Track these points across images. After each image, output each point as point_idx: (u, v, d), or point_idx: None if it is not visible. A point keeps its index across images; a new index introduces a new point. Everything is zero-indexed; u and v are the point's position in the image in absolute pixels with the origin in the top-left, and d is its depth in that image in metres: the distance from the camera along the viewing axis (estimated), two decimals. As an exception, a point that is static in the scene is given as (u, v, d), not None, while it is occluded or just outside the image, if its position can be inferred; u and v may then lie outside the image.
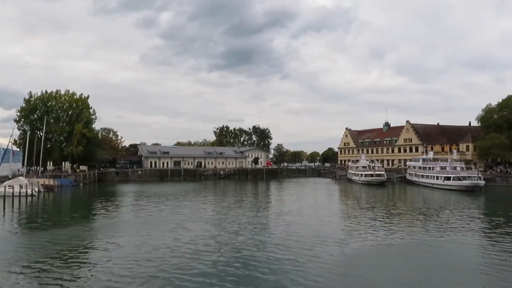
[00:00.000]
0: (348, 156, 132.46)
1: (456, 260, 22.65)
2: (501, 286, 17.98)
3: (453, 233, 30.44)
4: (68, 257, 22.97)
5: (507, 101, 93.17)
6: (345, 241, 27.64)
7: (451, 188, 68.38)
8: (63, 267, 20.78)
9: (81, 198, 61.86)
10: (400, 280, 19.17)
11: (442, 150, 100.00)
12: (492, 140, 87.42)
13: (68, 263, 21.75)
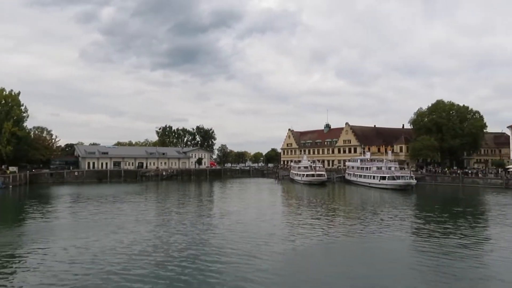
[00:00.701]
0: (290, 156, 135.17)
1: (391, 254, 23.94)
2: (431, 277, 19.28)
3: (388, 230, 32.18)
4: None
5: (436, 106, 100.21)
6: (287, 239, 28.28)
7: (386, 187, 72.17)
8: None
9: (11, 202, 57.72)
10: (339, 275, 19.93)
11: (378, 151, 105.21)
12: (423, 141, 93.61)
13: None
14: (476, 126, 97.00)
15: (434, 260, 22.36)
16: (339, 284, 18.76)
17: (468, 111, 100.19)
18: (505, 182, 73.34)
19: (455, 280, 18.92)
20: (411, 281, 18.93)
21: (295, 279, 19.36)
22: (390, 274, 20.06)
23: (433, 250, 24.67)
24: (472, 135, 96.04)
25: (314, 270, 20.73)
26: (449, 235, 29.39)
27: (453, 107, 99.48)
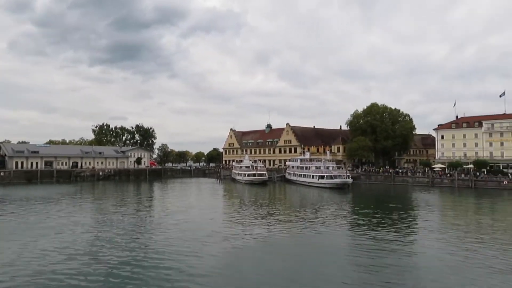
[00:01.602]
0: (232, 156, 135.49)
1: (330, 249, 24.90)
2: (366, 267, 20.29)
3: (327, 226, 33.40)
4: None
5: (370, 108, 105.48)
6: (228, 238, 28.37)
7: (324, 186, 74.71)
8: None
9: None
10: (279, 271, 20.32)
11: (317, 151, 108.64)
12: (359, 142, 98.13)
13: None
14: (407, 128, 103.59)
15: (369, 252, 23.83)
16: (279, 280, 19.10)
17: (400, 114, 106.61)
18: (431, 180, 78.89)
19: (387, 269, 20.11)
20: (348, 274, 19.77)
21: (236, 277, 19.50)
22: (329, 268, 20.84)
23: (368, 243, 26.30)
24: (403, 136, 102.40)
25: (255, 268, 20.98)
26: (382, 229, 31.24)
27: (386, 110, 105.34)
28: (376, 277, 19.40)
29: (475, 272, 20.03)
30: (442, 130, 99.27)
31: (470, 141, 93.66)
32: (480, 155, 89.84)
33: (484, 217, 40.74)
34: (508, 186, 68.92)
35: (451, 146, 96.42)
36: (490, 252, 24.15)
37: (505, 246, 25.72)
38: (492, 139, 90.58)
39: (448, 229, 32.88)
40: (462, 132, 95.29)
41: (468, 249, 25.01)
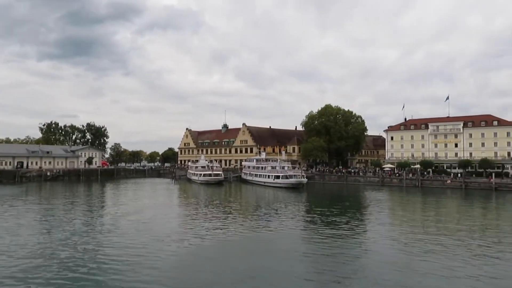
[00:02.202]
0: (188, 156, 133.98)
1: (285, 247, 25.25)
2: (320, 266, 20.78)
3: (282, 225, 33.85)
4: None
5: (325, 109, 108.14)
6: (183, 238, 28.09)
7: (280, 185, 75.65)
8: None
9: None
10: (235, 269, 20.37)
11: (273, 151, 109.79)
12: (313, 143, 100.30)
13: None
14: (359, 129, 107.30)
15: (323, 248, 24.50)
16: (235, 278, 19.14)
17: (352, 116, 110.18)
18: (381, 180, 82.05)
19: (340, 264, 20.72)
20: (303, 270, 20.16)
21: (192, 277, 19.35)
22: (285, 265, 21.13)
23: (322, 240, 27.01)
24: (355, 137, 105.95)
25: (211, 267, 20.86)
26: (336, 227, 32.19)
27: (340, 112, 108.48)
28: (330, 272, 19.94)
29: (421, 265, 21.10)
30: (392, 132, 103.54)
31: (417, 142, 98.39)
32: (426, 156, 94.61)
33: (429, 213, 42.98)
34: (451, 185, 73.01)
35: (400, 147, 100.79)
36: (434, 245, 25.55)
37: (447, 239, 27.31)
38: (437, 141, 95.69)
39: (397, 225, 34.51)
40: (410, 133, 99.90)
41: (415, 243, 26.33)
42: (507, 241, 27.87)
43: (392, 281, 18.82)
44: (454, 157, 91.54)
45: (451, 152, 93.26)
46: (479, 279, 18.87)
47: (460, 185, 71.28)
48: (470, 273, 19.85)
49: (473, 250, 24.57)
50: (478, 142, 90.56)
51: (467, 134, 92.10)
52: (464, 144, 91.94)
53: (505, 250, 24.91)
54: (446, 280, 18.71)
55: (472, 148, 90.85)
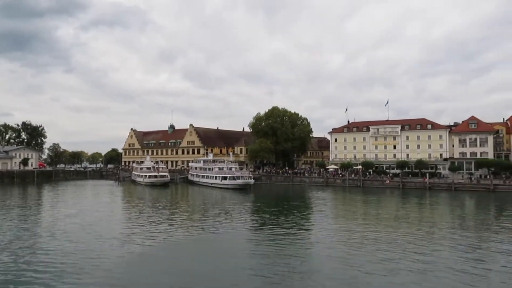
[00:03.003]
0: (133, 157, 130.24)
1: (233, 248, 25.35)
2: (267, 265, 21.09)
3: (229, 226, 33.94)
4: None
5: (272, 111, 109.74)
6: (128, 241, 27.37)
7: (227, 187, 75.68)
8: None
9: None
10: (181, 271, 20.18)
11: (220, 152, 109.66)
12: (260, 144, 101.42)
13: None
14: (305, 131, 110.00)
15: (271, 247, 24.84)
16: (181, 280, 18.95)
17: (299, 118, 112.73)
18: (325, 180, 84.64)
19: (287, 262, 21.14)
20: (251, 270, 20.34)
21: (137, 280, 18.95)
22: (232, 266, 21.22)
23: (270, 239, 27.42)
24: (301, 139, 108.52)
25: (157, 270, 20.48)
26: (282, 226, 32.77)
27: (287, 114, 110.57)
28: (277, 269, 20.28)
29: (362, 259, 22.10)
30: (336, 134, 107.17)
31: (359, 144, 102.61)
32: (367, 157, 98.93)
33: (370, 211, 45.04)
34: (389, 185, 76.90)
35: (343, 149, 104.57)
36: (375, 240, 26.87)
37: (387, 235, 28.83)
38: (377, 143, 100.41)
39: (340, 223, 35.81)
40: (353, 135, 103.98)
41: (357, 240, 27.53)
42: (439, 234, 29.89)
43: (337, 276, 19.55)
44: (393, 158, 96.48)
45: (390, 154, 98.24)
46: (416, 270, 20.11)
47: (398, 185, 75.27)
48: (408, 265, 21.08)
49: (410, 243, 26.08)
50: (414, 144, 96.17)
51: (405, 136, 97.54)
52: (402, 146, 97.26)
53: (437, 243, 26.73)
54: (387, 272, 19.75)
55: (408, 149, 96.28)
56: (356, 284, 18.56)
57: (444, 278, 19.25)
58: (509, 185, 68.12)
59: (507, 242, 27.68)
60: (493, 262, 22.24)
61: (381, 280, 18.93)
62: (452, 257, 23.20)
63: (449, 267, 20.89)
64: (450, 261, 22.27)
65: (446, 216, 42.20)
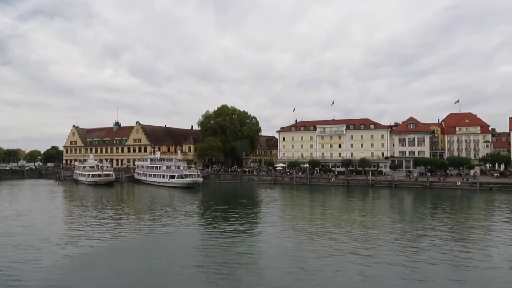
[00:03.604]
0: (75, 155, 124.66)
1: (181, 248, 25.03)
2: (215, 264, 21.06)
3: (177, 225, 33.50)
4: None
5: (221, 109, 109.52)
6: (70, 242, 26.28)
7: (175, 185, 74.56)
8: None
9: None
10: (127, 273, 19.66)
11: (168, 150, 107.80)
12: (209, 142, 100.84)
13: None
14: (253, 129, 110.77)
15: (219, 245, 24.88)
16: (128, 282, 18.46)
17: (248, 116, 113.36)
18: (273, 178, 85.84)
19: (235, 259, 21.25)
20: (198, 270, 20.22)
21: (81, 281, 18.24)
22: (179, 266, 20.94)
23: (218, 238, 27.44)
24: (250, 137, 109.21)
25: (101, 272, 19.83)
26: (231, 224, 32.90)
27: (235, 112, 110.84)
28: (225, 267, 20.34)
29: (308, 254, 22.73)
30: (284, 133, 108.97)
31: (306, 143, 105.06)
32: (314, 156, 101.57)
33: (316, 208, 46.36)
34: (335, 182, 79.46)
35: (291, 147, 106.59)
36: (321, 235, 27.70)
37: (332, 230, 29.79)
38: (324, 142, 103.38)
39: (287, 219, 36.61)
40: (300, 134, 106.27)
41: (303, 235, 28.24)
42: (380, 229, 31.38)
43: (283, 270, 19.94)
44: (338, 156, 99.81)
45: (335, 152, 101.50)
46: (358, 264, 20.98)
47: (343, 183, 77.97)
48: (351, 259, 21.97)
49: (353, 238, 27.14)
50: (358, 143, 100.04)
51: (349, 136, 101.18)
52: (347, 145, 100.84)
53: (378, 238, 28.04)
54: (332, 267, 20.44)
55: (353, 148, 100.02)
56: (301, 278, 19.03)
57: (382, 270, 20.27)
58: (443, 182, 72.84)
59: (440, 236, 29.58)
60: (428, 255, 23.66)
61: (325, 275, 19.56)
62: (390, 250, 24.45)
63: (387, 261, 22.03)
64: (389, 254, 23.47)
65: (387, 211, 44.32)
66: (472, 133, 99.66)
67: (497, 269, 20.78)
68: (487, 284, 18.49)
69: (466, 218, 38.33)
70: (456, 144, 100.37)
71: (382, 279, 19.03)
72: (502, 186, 67.57)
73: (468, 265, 21.32)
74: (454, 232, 30.76)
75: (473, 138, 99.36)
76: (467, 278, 19.35)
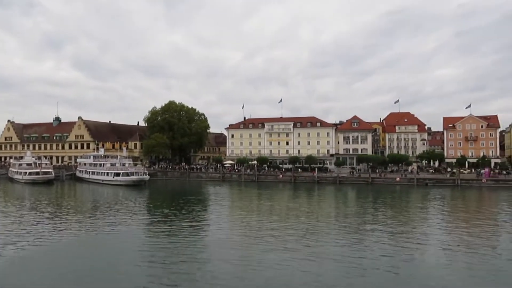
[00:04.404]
0: (10, 152, 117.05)
1: (125, 248, 24.29)
2: (159, 264, 20.71)
3: (122, 225, 32.50)
4: None
5: (168, 106, 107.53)
6: (3, 246, 24.54)
7: (120, 183, 72.29)
8: None
9: None
10: (66, 276, 18.81)
11: (113, 147, 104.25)
12: (156, 139, 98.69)
13: None
14: (202, 126, 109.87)
15: (164, 245, 24.40)
16: (67, 285, 17.68)
17: (196, 113, 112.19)
18: (222, 175, 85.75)
19: (181, 259, 21.03)
20: (141, 270, 19.78)
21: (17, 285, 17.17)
22: (123, 267, 20.36)
23: (165, 237, 27.00)
24: (198, 134, 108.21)
25: (39, 274, 18.79)
26: (178, 222, 32.50)
27: (184, 108, 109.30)
28: (172, 264, 20.08)
29: (255, 250, 23.01)
30: (232, 130, 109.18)
31: (255, 140, 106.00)
32: (262, 153, 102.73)
33: (263, 204, 46.85)
34: (282, 179, 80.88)
35: (240, 144, 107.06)
36: (268, 231, 28.11)
37: (279, 224, 30.36)
38: (272, 139, 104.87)
39: (235, 216, 36.88)
40: (249, 132, 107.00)
41: (250, 231, 28.53)
42: (324, 223, 32.48)
43: (230, 267, 20.02)
44: (286, 154, 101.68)
45: (283, 149, 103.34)
46: (304, 258, 21.56)
47: (290, 179, 79.55)
48: (296, 255, 22.51)
49: (298, 232, 27.86)
50: (305, 140, 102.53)
51: (296, 133, 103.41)
52: (294, 142, 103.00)
53: (322, 232, 29.03)
54: (278, 262, 20.83)
55: (300, 146, 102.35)
56: (247, 274, 19.23)
57: (326, 263, 21.03)
58: (384, 178, 76.58)
59: (381, 229, 31.15)
60: (368, 248, 24.84)
61: (271, 270, 19.90)
62: (334, 243, 25.40)
63: (331, 254, 22.89)
64: (333, 248, 24.40)
65: (331, 207, 45.93)
66: (410, 131, 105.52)
67: (430, 257, 22.27)
68: (421, 275, 19.72)
69: (404, 212, 40.69)
70: (396, 142, 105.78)
71: (325, 271, 19.71)
72: (436, 181, 72.32)
73: (405, 256, 22.65)
74: (393, 226, 32.46)
75: (411, 136, 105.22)
76: (403, 267, 20.51)
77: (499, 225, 33.52)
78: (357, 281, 18.33)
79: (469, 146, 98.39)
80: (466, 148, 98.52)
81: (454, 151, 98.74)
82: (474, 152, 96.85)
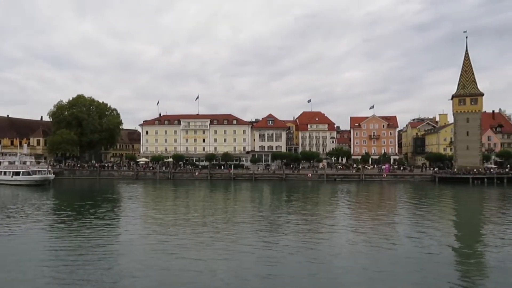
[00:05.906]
0: None
1: (24, 253, 22.30)
2: (62, 269, 19.39)
3: (20, 228, 29.72)
4: None
5: (77, 100, 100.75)
6: None
7: (20, 183, 66.27)
8: None
9: None
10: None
11: (11, 144, 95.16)
12: (62, 135, 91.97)
13: None
14: (114, 122, 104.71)
15: (71, 246, 22.86)
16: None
17: (108, 108, 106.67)
18: (136, 173, 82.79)
19: (89, 261, 19.88)
20: (45, 274, 18.38)
21: None
22: (22, 273, 18.72)
23: (70, 236, 25.25)
24: (110, 130, 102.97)
25: None
26: (86, 223, 30.54)
27: (94, 103, 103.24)
28: (79, 270, 18.92)
29: (169, 249, 22.61)
30: (147, 126, 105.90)
31: (170, 137, 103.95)
32: (178, 150, 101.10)
33: (179, 202, 46.24)
34: (199, 176, 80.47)
35: (155, 141, 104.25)
36: (183, 229, 27.79)
37: (194, 222, 30.20)
38: (188, 136, 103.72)
39: (149, 215, 35.91)
40: (164, 128, 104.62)
41: (165, 229, 27.94)
42: (239, 218, 33.01)
43: (147, 266, 19.44)
44: (202, 151, 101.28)
45: (199, 147, 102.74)
46: (222, 254, 21.70)
47: (207, 176, 79.41)
48: (214, 251, 22.58)
49: (213, 229, 27.95)
50: (222, 138, 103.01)
51: (213, 130, 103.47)
52: (211, 139, 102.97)
53: (238, 228, 29.49)
54: (195, 257, 20.71)
55: (216, 143, 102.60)
56: (168, 272, 18.87)
57: (241, 259, 21.40)
58: (297, 174, 79.97)
59: (293, 221, 32.54)
60: (282, 242, 25.79)
61: (185, 272, 19.75)
62: (250, 239, 25.94)
63: (247, 251, 23.34)
64: (248, 243, 24.87)
65: (247, 203, 46.70)
66: (321, 130, 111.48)
67: (337, 248, 23.80)
68: (329, 267, 20.99)
69: (314, 206, 42.93)
70: (308, 139, 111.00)
71: (239, 268, 20.06)
72: (344, 177, 77.38)
73: (316, 249, 23.91)
74: (305, 220, 34.08)
75: (321, 134, 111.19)
76: (314, 259, 21.63)
77: (396, 215, 36.97)
78: (270, 275, 18.91)
79: (372, 144, 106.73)
80: (370, 145, 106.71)
81: (360, 149, 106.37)
82: (376, 150, 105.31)
